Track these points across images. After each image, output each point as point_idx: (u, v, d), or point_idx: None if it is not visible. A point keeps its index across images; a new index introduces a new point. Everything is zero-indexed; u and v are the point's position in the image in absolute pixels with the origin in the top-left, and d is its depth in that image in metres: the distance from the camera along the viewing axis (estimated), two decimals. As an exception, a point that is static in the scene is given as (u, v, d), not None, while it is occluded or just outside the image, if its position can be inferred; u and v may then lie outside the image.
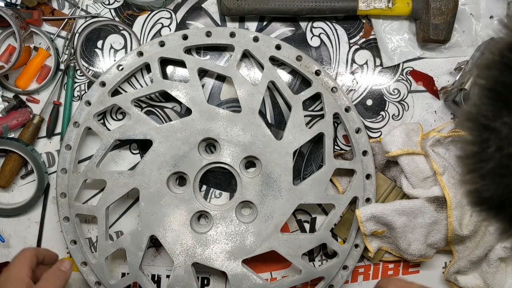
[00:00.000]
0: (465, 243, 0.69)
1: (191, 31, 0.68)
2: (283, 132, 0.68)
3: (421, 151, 0.66)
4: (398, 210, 0.66)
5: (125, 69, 0.68)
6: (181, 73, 0.72)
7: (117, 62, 0.68)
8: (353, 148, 0.69)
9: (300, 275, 0.68)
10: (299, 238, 0.68)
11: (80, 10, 0.72)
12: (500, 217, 0.31)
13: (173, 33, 0.69)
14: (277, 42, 0.68)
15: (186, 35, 0.68)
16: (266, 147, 0.67)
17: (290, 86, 0.73)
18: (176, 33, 0.68)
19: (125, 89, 0.72)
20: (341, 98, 0.68)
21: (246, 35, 0.68)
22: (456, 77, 0.71)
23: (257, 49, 0.68)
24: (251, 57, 0.71)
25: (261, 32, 0.72)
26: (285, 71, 0.73)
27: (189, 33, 0.68)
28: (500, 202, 0.30)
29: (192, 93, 0.67)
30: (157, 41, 0.68)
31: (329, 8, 0.69)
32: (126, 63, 0.68)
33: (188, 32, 0.68)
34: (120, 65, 0.68)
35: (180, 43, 0.68)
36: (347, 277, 0.70)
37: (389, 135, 0.67)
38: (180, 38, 0.68)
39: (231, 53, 0.69)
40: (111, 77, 0.68)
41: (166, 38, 0.68)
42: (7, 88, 0.71)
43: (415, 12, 0.69)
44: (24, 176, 0.73)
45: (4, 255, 0.73)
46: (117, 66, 0.68)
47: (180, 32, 0.68)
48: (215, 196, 0.73)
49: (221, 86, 0.72)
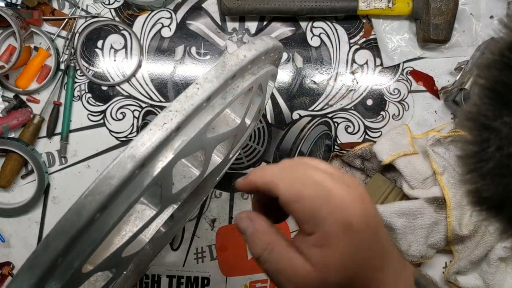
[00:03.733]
0: (465, 243, 0.69)
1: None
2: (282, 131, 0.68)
3: (415, 150, 0.66)
4: (397, 212, 0.66)
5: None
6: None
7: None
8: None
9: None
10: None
11: (80, 10, 0.72)
12: (500, 217, 0.31)
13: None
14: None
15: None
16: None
17: (290, 86, 0.73)
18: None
19: (125, 89, 0.72)
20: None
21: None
22: (456, 77, 0.71)
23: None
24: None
25: (261, 32, 0.72)
26: (285, 71, 0.73)
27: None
28: (500, 202, 0.29)
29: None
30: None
31: (329, 8, 0.69)
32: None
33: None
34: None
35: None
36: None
37: (377, 144, 0.68)
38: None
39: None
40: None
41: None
42: (8, 88, 0.71)
43: (415, 12, 0.69)
44: (25, 176, 0.73)
45: (5, 255, 0.73)
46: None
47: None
48: (215, 196, 0.73)
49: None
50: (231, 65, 0.35)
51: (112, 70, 0.72)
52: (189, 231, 0.73)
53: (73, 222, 0.28)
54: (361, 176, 0.72)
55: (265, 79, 0.43)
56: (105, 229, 0.30)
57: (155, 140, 0.30)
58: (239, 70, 0.36)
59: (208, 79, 0.33)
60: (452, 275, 0.70)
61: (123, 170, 0.29)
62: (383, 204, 0.68)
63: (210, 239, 0.73)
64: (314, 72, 0.73)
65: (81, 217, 0.28)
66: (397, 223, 0.66)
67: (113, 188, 0.29)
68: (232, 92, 0.37)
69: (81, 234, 0.29)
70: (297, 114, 0.73)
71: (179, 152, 0.32)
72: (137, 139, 0.30)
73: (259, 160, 0.73)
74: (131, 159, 0.29)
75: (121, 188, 0.29)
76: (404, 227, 0.66)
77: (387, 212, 0.66)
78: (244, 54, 0.36)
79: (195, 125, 0.34)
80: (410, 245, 0.67)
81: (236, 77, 0.37)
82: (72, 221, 0.28)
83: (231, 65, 0.35)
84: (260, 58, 0.39)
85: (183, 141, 0.33)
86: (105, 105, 0.72)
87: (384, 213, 0.66)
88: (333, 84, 0.73)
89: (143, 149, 0.30)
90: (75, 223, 0.28)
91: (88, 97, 0.72)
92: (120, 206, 0.30)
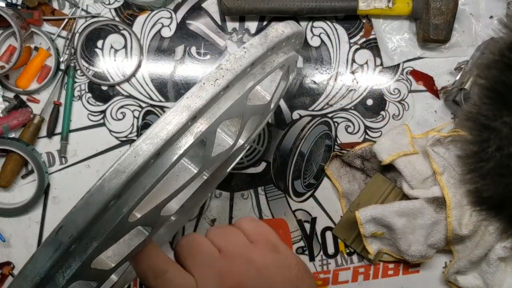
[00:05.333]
0: (464, 243, 0.69)
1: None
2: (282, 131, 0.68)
3: (415, 150, 0.67)
4: (397, 212, 0.66)
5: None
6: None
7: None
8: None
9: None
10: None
11: (81, 10, 0.72)
12: (500, 216, 0.31)
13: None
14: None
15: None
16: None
17: (290, 86, 0.73)
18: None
19: (125, 89, 0.72)
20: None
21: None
22: (456, 77, 0.71)
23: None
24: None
25: (261, 32, 0.72)
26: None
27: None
28: (500, 202, 0.29)
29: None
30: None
31: (329, 8, 0.69)
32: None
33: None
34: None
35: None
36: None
37: (377, 144, 0.68)
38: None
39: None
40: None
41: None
42: (8, 88, 0.71)
43: (415, 12, 0.69)
44: (25, 176, 0.73)
45: (5, 254, 0.73)
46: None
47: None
48: (215, 196, 0.73)
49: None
50: (272, 36, 0.38)
51: (112, 70, 0.72)
52: (189, 231, 0.73)
53: (130, 163, 0.29)
54: (361, 176, 0.72)
55: (293, 61, 0.46)
56: (156, 175, 0.31)
57: (208, 94, 0.32)
58: (278, 42, 0.39)
59: (253, 45, 0.36)
60: (452, 275, 0.70)
61: (180, 117, 0.30)
62: (383, 204, 0.68)
63: (210, 239, 0.72)
64: (314, 72, 0.73)
65: (138, 158, 0.29)
66: (397, 223, 0.66)
67: (170, 133, 0.30)
68: (269, 65, 0.39)
69: (135, 177, 0.29)
70: (297, 114, 0.73)
71: (226, 110, 0.34)
72: (191, 92, 0.32)
73: (259, 160, 0.73)
74: (186, 109, 0.31)
75: (176, 135, 0.31)
76: (404, 227, 0.66)
77: (387, 212, 0.66)
78: (282, 30, 0.40)
79: (239, 88, 0.36)
80: (410, 245, 0.67)
81: (273, 51, 0.40)
82: (129, 162, 0.29)
83: (272, 37, 0.38)
84: (291, 39, 0.43)
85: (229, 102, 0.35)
86: (105, 105, 0.72)
87: (384, 213, 0.66)
88: (333, 84, 0.73)
89: (198, 101, 0.31)
90: (132, 164, 0.29)
91: (88, 97, 0.72)
92: (171, 155, 0.32)
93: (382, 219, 0.66)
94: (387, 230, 0.68)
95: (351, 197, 0.71)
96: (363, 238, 0.68)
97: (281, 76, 0.44)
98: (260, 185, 0.73)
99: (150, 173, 0.31)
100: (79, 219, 0.28)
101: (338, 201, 0.73)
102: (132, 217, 0.33)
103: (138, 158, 0.29)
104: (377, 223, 0.67)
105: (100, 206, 0.28)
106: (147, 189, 0.31)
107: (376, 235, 0.68)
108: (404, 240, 0.67)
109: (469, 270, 0.69)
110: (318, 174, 0.73)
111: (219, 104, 0.34)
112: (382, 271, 0.73)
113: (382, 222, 0.66)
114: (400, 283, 0.73)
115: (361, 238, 0.69)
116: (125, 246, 0.37)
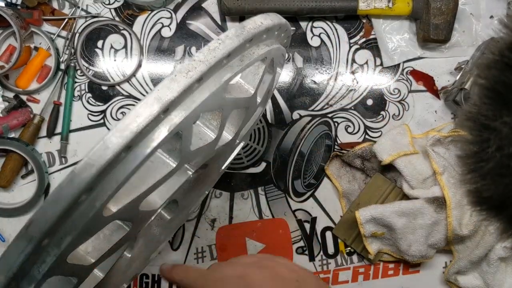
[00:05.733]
0: (465, 243, 0.69)
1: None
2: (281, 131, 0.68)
3: (415, 150, 0.67)
4: (398, 212, 0.66)
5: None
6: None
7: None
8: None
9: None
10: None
11: (80, 10, 0.72)
12: (500, 216, 0.31)
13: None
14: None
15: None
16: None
17: (290, 86, 0.73)
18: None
19: (125, 89, 0.72)
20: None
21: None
22: (456, 77, 0.71)
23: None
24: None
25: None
26: (285, 71, 0.73)
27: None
28: (500, 202, 0.29)
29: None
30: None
31: (329, 8, 0.69)
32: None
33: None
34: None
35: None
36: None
37: (377, 144, 0.68)
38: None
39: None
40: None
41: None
42: (8, 88, 0.71)
43: (415, 12, 0.69)
44: (25, 176, 0.72)
45: (5, 255, 0.73)
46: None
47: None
48: (215, 196, 0.73)
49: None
50: (249, 28, 0.37)
51: (112, 70, 0.72)
52: (189, 231, 0.73)
53: (100, 156, 0.28)
54: (361, 176, 0.72)
55: (277, 54, 0.45)
56: (129, 169, 0.31)
57: (179, 86, 0.31)
58: (257, 34, 0.37)
59: (229, 37, 0.35)
60: (452, 275, 0.70)
61: (150, 109, 0.30)
62: (383, 204, 0.68)
63: (210, 239, 0.73)
64: (314, 72, 0.73)
65: (108, 151, 0.28)
66: (397, 223, 0.66)
67: (141, 126, 0.29)
68: (249, 57, 0.38)
69: (106, 170, 0.29)
70: (297, 114, 0.73)
71: (201, 103, 0.33)
72: (163, 84, 0.31)
73: (259, 160, 0.73)
74: (157, 101, 0.30)
75: (148, 128, 0.30)
76: (404, 227, 0.66)
77: (387, 212, 0.66)
78: (261, 21, 0.39)
79: (215, 80, 0.35)
80: (410, 245, 0.67)
81: (252, 43, 0.39)
82: (99, 155, 0.28)
83: (249, 28, 0.37)
84: (273, 32, 0.41)
85: (205, 94, 0.34)
86: (105, 105, 0.72)
87: (384, 213, 0.66)
88: (333, 84, 0.73)
89: (169, 93, 0.30)
90: (102, 157, 0.28)
91: (88, 97, 0.72)
92: (144, 148, 0.31)
93: (382, 219, 0.66)
94: (387, 230, 0.68)
95: (351, 197, 0.71)
96: (363, 238, 0.68)
97: (264, 69, 0.43)
98: (260, 185, 0.73)
99: (122, 166, 0.30)
100: (49, 213, 0.28)
101: (338, 201, 0.73)
102: (107, 211, 0.32)
103: (108, 151, 0.28)
104: (377, 223, 0.67)
105: (70, 199, 0.28)
106: (120, 182, 0.30)
107: (376, 235, 0.68)
108: (404, 240, 0.67)
109: (469, 270, 0.69)
110: (318, 174, 0.73)
111: (193, 97, 0.33)
112: (382, 271, 0.73)
113: (382, 222, 0.66)
114: (400, 283, 0.73)
115: (361, 238, 0.69)
116: (106, 241, 0.37)
